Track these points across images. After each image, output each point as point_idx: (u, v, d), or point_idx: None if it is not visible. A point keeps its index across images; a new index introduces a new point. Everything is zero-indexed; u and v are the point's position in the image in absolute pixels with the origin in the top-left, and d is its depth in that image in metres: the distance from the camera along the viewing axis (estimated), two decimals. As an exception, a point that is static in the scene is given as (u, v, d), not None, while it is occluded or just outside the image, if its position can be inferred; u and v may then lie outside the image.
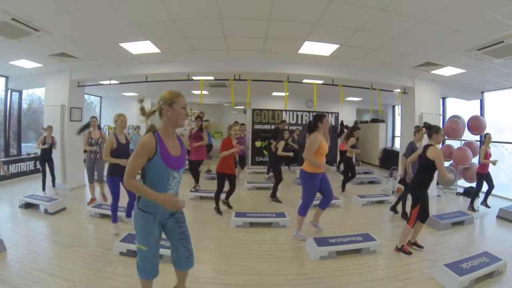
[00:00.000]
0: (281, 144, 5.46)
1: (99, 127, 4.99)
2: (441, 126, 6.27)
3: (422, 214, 3.16)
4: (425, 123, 3.32)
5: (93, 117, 4.92)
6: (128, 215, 3.78)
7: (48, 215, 4.10)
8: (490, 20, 2.94)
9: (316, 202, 3.70)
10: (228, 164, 4.36)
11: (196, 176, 5.69)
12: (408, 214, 3.12)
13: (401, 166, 4.49)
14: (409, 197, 4.35)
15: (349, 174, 5.84)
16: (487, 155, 4.98)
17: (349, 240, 3.25)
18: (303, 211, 3.51)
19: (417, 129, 4.45)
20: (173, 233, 1.88)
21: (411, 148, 4.30)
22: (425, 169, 3.09)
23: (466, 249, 3.36)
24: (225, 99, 9.78)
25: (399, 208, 4.60)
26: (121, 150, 3.46)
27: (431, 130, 3.16)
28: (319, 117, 3.44)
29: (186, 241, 1.90)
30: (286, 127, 7.28)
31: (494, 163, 4.96)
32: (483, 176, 5.02)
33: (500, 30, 3.19)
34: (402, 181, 4.52)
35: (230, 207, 4.60)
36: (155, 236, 1.80)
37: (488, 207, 5.13)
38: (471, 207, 5.04)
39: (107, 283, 2.45)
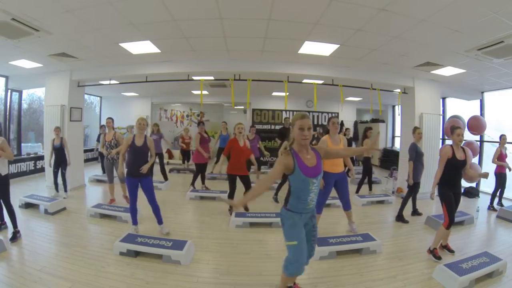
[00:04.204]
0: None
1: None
2: (441, 126, 6.26)
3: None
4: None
5: (108, 118, 4.89)
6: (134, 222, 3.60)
7: (48, 215, 4.10)
8: (490, 20, 2.94)
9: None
10: (238, 166, 4.23)
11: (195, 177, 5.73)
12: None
13: (410, 171, 4.19)
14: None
15: (371, 173, 5.85)
16: (502, 156, 5.04)
17: (349, 240, 3.25)
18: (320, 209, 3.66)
19: (414, 129, 4.42)
20: (308, 235, 2.12)
21: (414, 150, 4.24)
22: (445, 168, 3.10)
23: (466, 249, 3.36)
24: (225, 99, 9.79)
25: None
26: (136, 152, 3.39)
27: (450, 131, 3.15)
28: (329, 120, 3.74)
29: (314, 243, 2.20)
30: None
31: (509, 167, 5.04)
32: (502, 175, 5.07)
33: (500, 30, 3.18)
34: (409, 186, 4.35)
35: (246, 209, 4.38)
36: (303, 231, 2.04)
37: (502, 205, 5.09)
38: (491, 207, 5.10)
39: (107, 283, 2.45)
